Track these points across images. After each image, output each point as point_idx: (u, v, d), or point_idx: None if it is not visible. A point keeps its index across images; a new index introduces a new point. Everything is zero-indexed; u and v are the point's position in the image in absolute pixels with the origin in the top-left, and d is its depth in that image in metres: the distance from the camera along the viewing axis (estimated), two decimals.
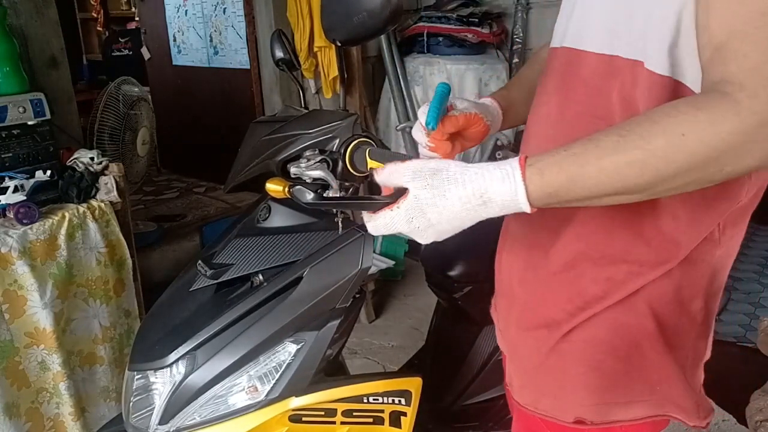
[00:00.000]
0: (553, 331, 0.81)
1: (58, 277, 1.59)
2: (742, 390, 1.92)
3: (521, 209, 0.61)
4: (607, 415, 0.79)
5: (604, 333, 0.78)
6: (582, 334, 0.79)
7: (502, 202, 0.61)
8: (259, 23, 3.19)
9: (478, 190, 0.61)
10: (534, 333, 0.84)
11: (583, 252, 0.77)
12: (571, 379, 0.80)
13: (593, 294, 0.77)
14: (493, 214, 0.63)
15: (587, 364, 0.79)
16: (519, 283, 0.87)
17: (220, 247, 1.01)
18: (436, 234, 0.65)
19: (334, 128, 0.89)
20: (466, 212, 0.62)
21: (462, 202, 0.62)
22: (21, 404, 1.57)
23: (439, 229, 0.65)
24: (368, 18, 0.74)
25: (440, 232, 0.65)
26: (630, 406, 0.79)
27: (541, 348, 0.83)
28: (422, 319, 2.71)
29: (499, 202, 0.61)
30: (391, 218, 0.65)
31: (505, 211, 0.62)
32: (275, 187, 0.85)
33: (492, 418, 1.52)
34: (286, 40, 1.19)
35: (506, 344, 0.94)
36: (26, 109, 1.71)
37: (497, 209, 0.62)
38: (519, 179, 0.60)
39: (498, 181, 0.61)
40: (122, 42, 5.19)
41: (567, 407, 0.81)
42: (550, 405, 0.83)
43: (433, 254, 1.54)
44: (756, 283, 3.09)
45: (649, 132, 0.56)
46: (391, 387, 1.07)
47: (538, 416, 0.84)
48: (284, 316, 0.94)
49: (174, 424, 0.94)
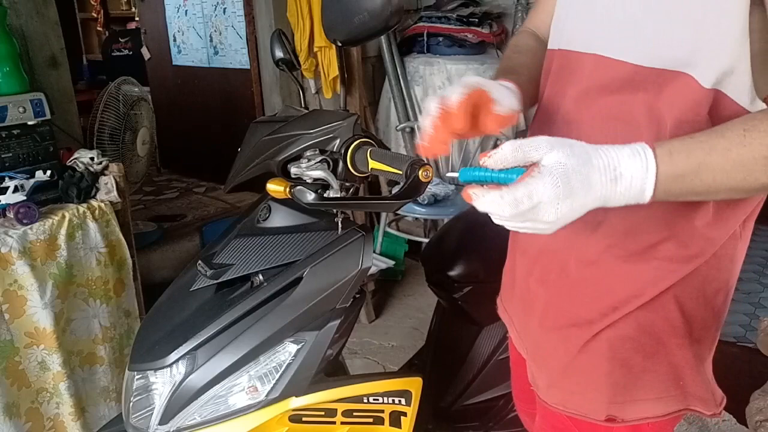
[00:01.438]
0: (584, 330, 0.81)
1: (58, 277, 1.59)
2: (742, 390, 1.92)
3: (644, 194, 0.59)
4: (637, 412, 0.80)
5: (632, 330, 0.78)
6: (611, 333, 0.79)
7: (631, 179, 0.58)
8: (259, 23, 3.19)
9: (612, 163, 0.58)
10: (562, 332, 0.84)
11: (613, 251, 0.76)
12: (600, 377, 0.80)
13: (626, 293, 0.77)
14: (617, 198, 0.59)
15: (616, 362, 0.79)
16: (539, 284, 0.86)
17: (220, 247, 1.01)
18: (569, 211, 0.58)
19: (335, 128, 0.88)
20: (600, 186, 0.58)
21: (600, 173, 0.58)
22: (21, 404, 1.57)
23: (575, 205, 0.58)
24: (369, 18, 0.74)
25: (573, 209, 0.59)
26: (658, 402, 0.80)
27: (570, 347, 0.83)
28: (422, 319, 2.72)
29: (628, 179, 0.58)
30: (534, 187, 0.56)
31: (627, 195, 0.59)
32: (276, 188, 0.85)
33: (492, 418, 1.52)
34: (286, 40, 1.19)
35: (527, 344, 0.93)
36: (26, 109, 1.71)
37: (623, 190, 0.59)
38: (650, 156, 0.59)
39: (628, 157, 0.59)
40: (122, 42, 5.19)
41: (597, 405, 0.81)
42: (580, 404, 0.83)
43: (433, 254, 1.54)
44: (756, 283, 3.09)
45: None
46: (391, 387, 1.07)
47: (567, 415, 0.84)
48: (284, 317, 0.94)
49: (174, 425, 0.94)
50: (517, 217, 0.58)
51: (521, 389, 1.11)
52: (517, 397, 1.17)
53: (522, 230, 0.61)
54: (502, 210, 0.57)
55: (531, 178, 0.57)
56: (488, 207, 0.58)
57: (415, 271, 3.14)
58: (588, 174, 0.58)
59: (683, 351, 0.79)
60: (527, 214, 0.57)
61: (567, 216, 0.59)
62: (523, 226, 0.60)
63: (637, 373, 0.79)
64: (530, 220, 0.58)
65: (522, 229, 0.61)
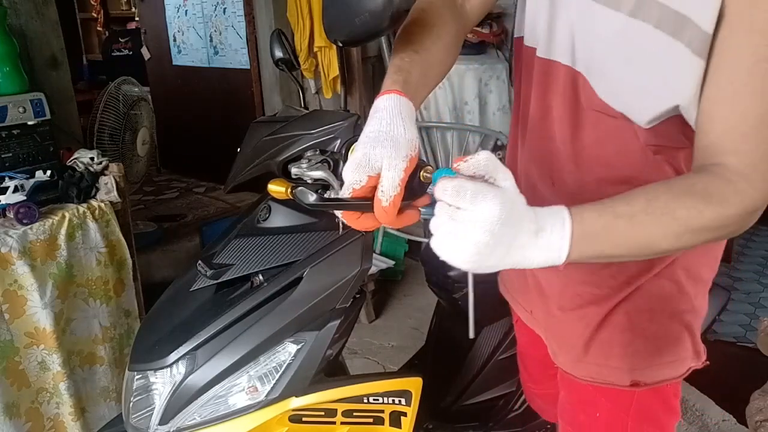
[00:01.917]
0: (602, 306, 0.87)
1: (58, 277, 1.59)
2: (742, 390, 1.93)
3: (560, 253, 0.59)
4: (657, 375, 0.88)
5: (646, 301, 0.85)
6: (627, 306, 0.86)
7: (551, 234, 0.58)
8: (259, 23, 3.19)
9: (536, 218, 0.59)
10: (581, 311, 0.90)
11: None
12: (622, 347, 0.88)
13: (638, 267, 0.83)
14: (536, 254, 0.58)
15: (635, 331, 0.87)
16: (553, 272, 0.90)
17: (220, 247, 1.00)
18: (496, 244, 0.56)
19: (336, 129, 0.88)
20: (526, 233, 0.58)
21: (528, 221, 0.58)
22: (21, 404, 1.57)
23: (504, 240, 0.56)
24: (370, 18, 0.73)
25: (501, 244, 0.56)
26: (677, 364, 0.88)
27: (590, 324, 0.89)
28: (422, 319, 2.71)
29: (548, 233, 0.58)
30: (484, 190, 0.55)
31: (545, 252, 0.59)
32: (278, 189, 0.85)
33: (492, 418, 1.52)
34: (285, 40, 1.19)
35: (542, 325, 0.99)
36: (26, 109, 1.71)
37: (543, 245, 0.58)
38: (566, 213, 0.60)
39: (548, 214, 0.60)
40: (122, 42, 5.19)
41: (622, 374, 0.88)
42: (606, 374, 0.89)
43: (433, 254, 1.54)
44: (756, 283, 3.09)
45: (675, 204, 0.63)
46: (391, 387, 1.07)
47: (594, 385, 0.91)
48: (284, 317, 0.94)
49: (174, 425, 0.94)
50: (450, 210, 0.55)
51: (532, 371, 1.20)
52: (528, 380, 1.24)
53: (444, 242, 0.57)
54: (444, 192, 0.55)
55: (487, 184, 0.56)
56: (438, 188, 0.56)
57: (415, 271, 3.14)
58: (521, 217, 0.57)
59: (690, 314, 0.87)
60: (462, 214, 0.55)
61: (492, 248, 0.55)
62: (449, 229, 0.56)
63: (654, 339, 0.87)
64: (461, 222, 0.55)
65: (444, 237, 0.57)
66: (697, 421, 2.04)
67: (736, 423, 2.01)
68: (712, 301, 1.46)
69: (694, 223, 0.63)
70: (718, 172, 0.65)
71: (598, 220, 0.61)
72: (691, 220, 0.62)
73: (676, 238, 0.63)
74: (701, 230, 0.64)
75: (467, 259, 0.56)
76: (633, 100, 0.74)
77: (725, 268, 3.36)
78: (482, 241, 0.54)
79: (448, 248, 0.56)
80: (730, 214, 0.64)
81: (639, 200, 0.63)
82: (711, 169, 0.66)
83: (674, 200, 0.63)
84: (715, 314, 1.45)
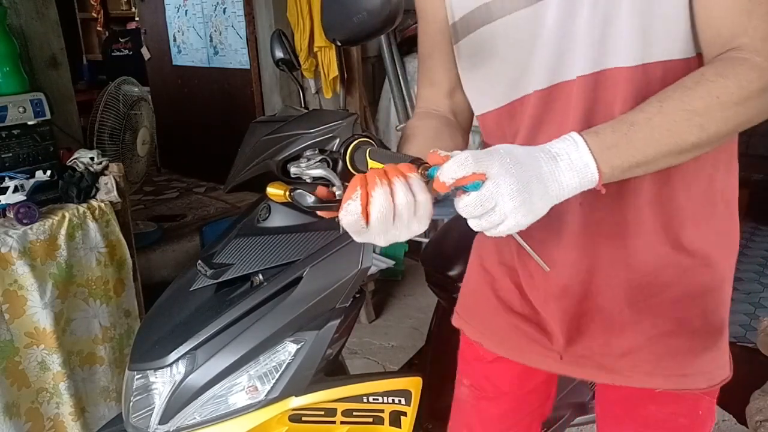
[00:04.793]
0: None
1: (58, 277, 1.59)
2: (742, 390, 1.92)
3: (589, 169, 0.62)
4: (722, 375, 0.85)
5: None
6: None
7: (568, 155, 0.62)
8: (259, 23, 3.19)
9: (544, 148, 0.63)
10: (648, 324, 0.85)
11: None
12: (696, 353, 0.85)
13: None
14: (567, 178, 0.61)
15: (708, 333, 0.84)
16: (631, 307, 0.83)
17: (220, 247, 1.01)
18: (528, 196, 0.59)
19: (334, 128, 0.88)
20: (544, 164, 0.61)
21: (539, 153, 0.62)
22: (21, 404, 1.57)
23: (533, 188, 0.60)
24: (368, 18, 0.73)
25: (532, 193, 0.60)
26: (726, 365, 0.86)
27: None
28: (422, 319, 2.71)
29: (565, 156, 0.62)
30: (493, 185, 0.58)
31: (574, 173, 0.61)
32: (276, 191, 0.85)
33: None
34: (286, 41, 1.19)
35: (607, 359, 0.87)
36: (26, 109, 1.71)
37: (565, 167, 0.61)
38: (576, 135, 0.63)
39: (556, 141, 0.63)
40: (122, 42, 5.19)
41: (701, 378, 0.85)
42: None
43: (433, 254, 1.54)
44: (756, 283, 3.09)
45: (689, 97, 0.64)
46: (391, 387, 1.07)
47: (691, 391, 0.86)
48: (284, 316, 0.94)
49: (174, 424, 0.94)
50: (485, 217, 0.60)
51: None
52: None
53: (497, 230, 0.61)
54: (474, 209, 0.59)
55: (488, 181, 0.59)
56: (463, 209, 0.60)
57: (415, 271, 3.14)
58: (529, 152, 0.61)
59: (727, 308, 0.85)
60: (492, 216, 0.59)
61: (531, 200, 0.59)
62: (493, 221, 0.60)
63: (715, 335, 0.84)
64: (497, 213, 0.59)
65: (494, 225, 0.61)
66: None
67: (736, 423, 2.01)
68: None
69: (713, 106, 0.63)
70: (729, 56, 0.65)
71: (614, 132, 0.64)
72: (710, 106, 0.63)
73: (701, 128, 0.64)
74: (725, 108, 0.63)
75: (520, 212, 0.59)
76: None
77: None
78: (514, 189, 0.58)
79: (503, 222, 0.60)
80: (752, 88, 0.63)
81: (652, 105, 0.65)
82: (722, 57, 0.66)
83: (687, 94, 0.64)
84: None
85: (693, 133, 0.64)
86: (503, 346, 0.95)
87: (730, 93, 0.63)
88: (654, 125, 0.64)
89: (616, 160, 0.63)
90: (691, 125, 0.64)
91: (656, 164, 0.66)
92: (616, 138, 0.63)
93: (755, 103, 0.65)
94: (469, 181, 0.59)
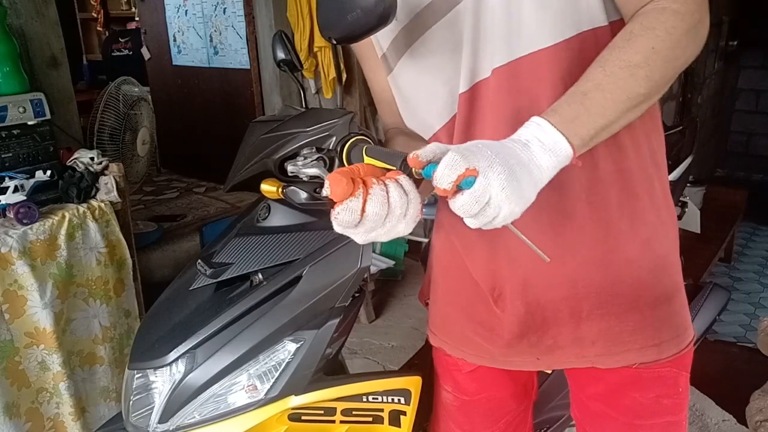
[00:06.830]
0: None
1: (58, 277, 1.59)
2: (742, 390, 1.93)
3: (560, 144, 0.64)
4: (690, 335, 0.90)
5: None
6: None
7: (535, 138, 0.64)
8: (259, 23, 3.19)
9: (513, 137, 0.65)
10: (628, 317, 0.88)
11: None
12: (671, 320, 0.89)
13: None
14: (544, 159, 0.64)
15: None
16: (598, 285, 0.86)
17: (220, 247, 1.01)
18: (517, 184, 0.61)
19: (331, 126, 0.88)
20: (519, 150, 0.63)
21: (511, 143, 0.64)
22: (21, 404, 1.57)
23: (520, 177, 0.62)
24: (362, 15, 0.73)
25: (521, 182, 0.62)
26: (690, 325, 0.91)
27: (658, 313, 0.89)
28: (422, 319, 2.72)
29: (533, 140, 0.64)
30: (484, 181, 0.60)
31: (549, 153, 0.64)
32: (269, 188, 0.85)
33: None
34: (287, 41, 1.19)
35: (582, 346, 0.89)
36: (26, 109, 1.71)
37: (537, 149, 0.64)
38: (534, 118, 0.66)
39: (520, 129, 0.66)
40: (122, 42, 5.19)
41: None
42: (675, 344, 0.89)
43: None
44: (756, 283, 3.09)
45: (627, 53, 0.68)
46: (391, 386, 1.07)
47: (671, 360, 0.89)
48: (284, 315, 0.94)
49: (174, 423, 0.94)
50: (481, 213, 0.61)
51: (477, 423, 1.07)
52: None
53: (493, 223, 0.62)
54: (471, 208, 0.61)
55: (479, 176, 0.60)
56: (460, 209, 0.61)
57: (415, 271, 3.14)
58: (505, 148, 0.63)
59: None
60: (488, 210, 0.61)
61: (521, 187, 0.61)
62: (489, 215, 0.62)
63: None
64: (492, 207, 0.61)
65: (491, 219, 0.62)
66: (697, 421, 2.04)
67: (736, 423, 2.01)
68: (712, 301, 1.46)
69: (651, 56, 0.68)
70: (648, 9, 0.70)
71: (570, 105, 0.67)
72: (648, 56, 0.68)
73: (647, 78, 0.68)
74: (661, 55, 0.68)
75: (512, 200, 0.60)
76: None
77: (725, 268, 3.36)
78: (503, 178, 0.60)
79: (498, 214, 0.61)
80: (679, 32, 0.68)
81: (595, 71, 0.69)
82: (641, 11, 0.71)
83: (624, 51, 0.69)
84: (715, 314, 1.44)
85: (641, 84, 0.68)
86: (482, 357, 0.98)
87: (662, 40, 0.68)
88: (605, 88, 0.67)
89: (581, 130, 0.66)
90: (638, 78, 0.68)
91: (618, 123, 0.70)
92: (574, 110, 0.66)
93: (685, 43, 0.70)
94: (463, 177, 0.60)
